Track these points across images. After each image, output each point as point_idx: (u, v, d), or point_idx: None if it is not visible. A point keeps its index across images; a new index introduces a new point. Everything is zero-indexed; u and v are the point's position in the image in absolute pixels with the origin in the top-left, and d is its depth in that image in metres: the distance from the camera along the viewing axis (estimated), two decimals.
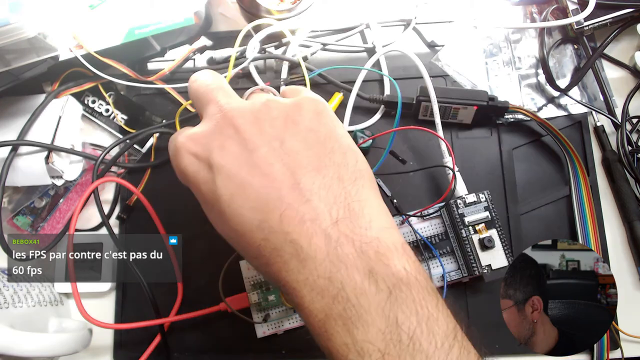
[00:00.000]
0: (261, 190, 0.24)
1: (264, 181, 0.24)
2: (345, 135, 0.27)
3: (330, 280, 0.22)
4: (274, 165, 0.25)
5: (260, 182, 0.24)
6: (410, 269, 0.23)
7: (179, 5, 0.42)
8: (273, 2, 0.44)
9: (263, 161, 0.25)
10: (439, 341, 0.21)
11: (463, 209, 0.39)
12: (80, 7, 0.41)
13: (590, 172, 0.43)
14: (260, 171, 0.24)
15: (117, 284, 0.42)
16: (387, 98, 0.43)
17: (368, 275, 0.22)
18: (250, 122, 0.26)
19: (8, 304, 0.36)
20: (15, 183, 0.41)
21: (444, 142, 0.40)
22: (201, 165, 0.26)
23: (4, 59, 0.38)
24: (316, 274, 0.22)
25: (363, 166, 0.26)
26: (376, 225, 0.24)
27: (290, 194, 0.24)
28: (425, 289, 0.22)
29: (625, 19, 0.45)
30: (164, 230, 0.42)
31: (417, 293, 0.22)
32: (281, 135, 0.26)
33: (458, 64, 0.46)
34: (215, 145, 0.26)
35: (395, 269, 0.22)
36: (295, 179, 0.24)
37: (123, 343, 0.41)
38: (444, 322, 0.22)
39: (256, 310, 0.39)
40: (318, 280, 0.22)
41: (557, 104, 0.45)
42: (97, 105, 0.46)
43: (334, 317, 0.22)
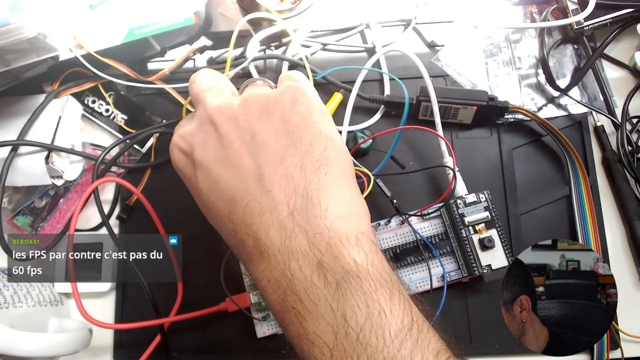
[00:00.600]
0: (231, 183, 0.25)
1: (233, 174, 0.25)
2: (320, 122, 0.27)
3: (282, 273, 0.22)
4: (244, 159, 0.25)
5: (231, 176, 0.25)
6: (362, 261, 0.22)
7: (179, 5, 0.42)
8: (273, 2, 0.44)
9: (235, 155, 0.26)
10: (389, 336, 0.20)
11: (463, 209, 0.39)
12: (80, 7, 0.41)
13: (590, 172, 0.43)
14: (232, 165, 0.25)
15: (117, 284, 0.42)
16: (387, 98, 0.43)
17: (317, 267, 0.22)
18: (228, 119, 0.27)
19: (8, 304, 0.36)
20: (15, 183, 0.41)
21: (445, 142, 0.40)
22: (188, 161, 0.28)
23: (4, 59, 0.38)
24: (271, 266, 0.23)
25: (332, 153, 0.26)
26: (331, 215, 0.24)
27: (254, 186, 0.24)
28: (377, 281, 0.22)
29: (625, 19, 0.45)
30: (164, 230, 0.42)
31: (369, 286, 0.22)
32: (253, 128, 0.26)
33: (458, 64, 0.46)
34: (197, 143, 0.27)
35: (344, 260, 0.22)
36: (260, 170, 0.25)
37: (123, 343, 0.41)
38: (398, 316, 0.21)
39: (256, 310, 0.39)
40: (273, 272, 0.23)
41: (557, 104, 0.45)
42: (97, 105, 0.46)
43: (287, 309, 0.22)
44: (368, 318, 0.21)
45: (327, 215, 0.23)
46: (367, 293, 0.21)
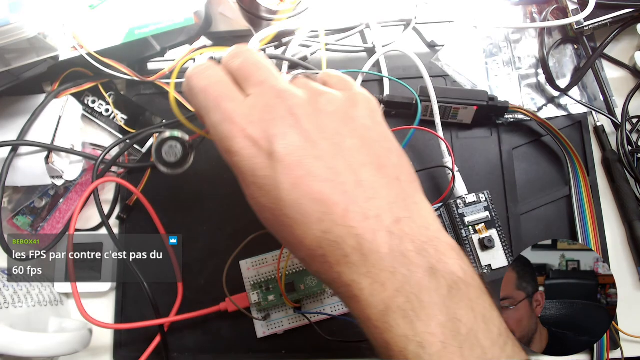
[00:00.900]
0: (325, 183, 0.24)
1: (328, 174, 0.24)
2: (395, 138, 0.27)
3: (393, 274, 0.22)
4: (336, 160, 0.24)
5: (324, 175, 0.24)
6: (466, 268, 0.23)
7: (179, 5, 0.42)
8: (273, 2, 0.44)
9: (326, 154, 0.24)
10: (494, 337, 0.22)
11: (463, 208, 0.39)
12: (80, 7, 0.41)
13: (590, 172, 0.43)
14: (324, 164, 0.24)
15: (117, 284, 0.42)
16: (387, 98, 0.43)
17: (429, 271, 0.22)
18: (310, 114, 0.25)
19: (8, 304, 0.36)
20: (15, 183, 0.41)
21: (444, 142, 0.40)
22: (259, 152, 0.25)
23: (4, 59, 0.38)
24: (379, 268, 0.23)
25: (413, 170, 0.27)
26: (433, 226, 0.24)
27: (355, 190, 0.24)
28: (479, 289, 0.23)
29: (625, 19, 0.45)
30: (164, 230, 0.42)
31: (474, 292, 0.23)
32: (341, 131, 0.25)
33: (458, 64, 0.46)
34: (276, 133, 0.25)
35: (454, 267, 0.23)
36: (358, 176, 0.24)
37: (123, 343, 0.41)
38: (497, 320, 0.23)
39: (256, 310, 0.39)
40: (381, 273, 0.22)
41: (557, 104, 0.45)
42: (97, 105, 0.46)
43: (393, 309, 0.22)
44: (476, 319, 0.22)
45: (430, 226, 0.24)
46: (473, 299, 0.23)
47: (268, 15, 0.44)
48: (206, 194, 0.43)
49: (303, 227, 0.24)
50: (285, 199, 0.24)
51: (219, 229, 0.43)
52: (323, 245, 0.24)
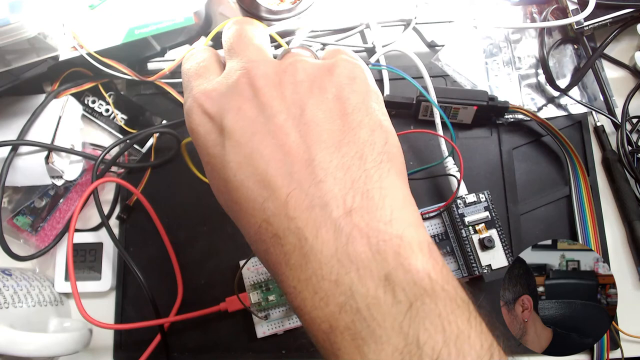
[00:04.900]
0: (271, 163, 0.21)
1: (276, 153, 0.21)
2: (379, 110, 0.23)
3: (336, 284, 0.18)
4: (289, 136, 0.21)
5: (272, 153, 0.21)
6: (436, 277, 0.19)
7: (179, 5, 0.42)
8: (273, 2, 0.44)
9: (279, 130, 0.21)
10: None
11: (463, 209, 0.39)
12: (80, 7, 0.41)
13: (590, 172, 0.43)
14: (275, 141, 0.21)
15: (117, 284, 0.42)
16: (387, 98, 0.43)
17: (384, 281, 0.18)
18: (272, 85, 0.23)
19: (8, 304, 0.36)
20: (15, 183, 0.41)
21: (450, 143, 0.40)
22: (213, 126, 0.23)
23: (4, 59, 0.38)
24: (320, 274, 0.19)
25: (394, 149, 0.22)
26: (399, 220, 0.20)
27: (302, 171, 0.20)
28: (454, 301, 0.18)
29: (625, 19, 0.45)
30: (164, 230, 0.42)
31: (444, 306, 0.18)
32: (304, 102, 0.22)
33: (458, 64, 0.46)
34: (231, 107, 0.22)
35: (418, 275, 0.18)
36: (311, 155, 0.21)
37: (123, 343, 0.41)
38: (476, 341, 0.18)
39: (256, 310, 0.39)
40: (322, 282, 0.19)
41: (557, 104, 0.45)
42: (97, 105, 0.46)
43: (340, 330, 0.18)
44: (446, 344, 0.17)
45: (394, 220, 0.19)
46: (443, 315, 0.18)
47: (268, 15, 0.44)
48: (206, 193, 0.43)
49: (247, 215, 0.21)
50: (231, 180, 0.21)
51: (219, 229, 0.43)
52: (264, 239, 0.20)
